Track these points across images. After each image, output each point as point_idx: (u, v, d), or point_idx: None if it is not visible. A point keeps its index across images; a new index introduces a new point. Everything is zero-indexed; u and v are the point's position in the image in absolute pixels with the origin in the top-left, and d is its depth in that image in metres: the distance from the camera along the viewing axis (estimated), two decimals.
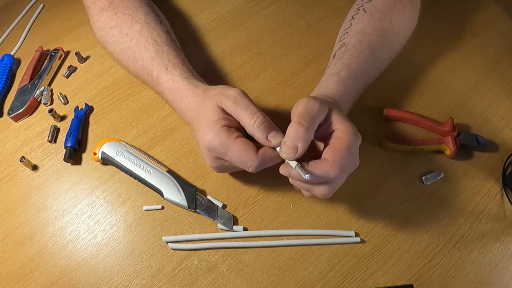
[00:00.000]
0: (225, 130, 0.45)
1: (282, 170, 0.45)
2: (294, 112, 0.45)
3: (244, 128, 0.47)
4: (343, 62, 0.54)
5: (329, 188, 0.44)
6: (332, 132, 0.45)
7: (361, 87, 0.55)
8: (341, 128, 0.45)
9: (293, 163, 0.43)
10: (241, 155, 0.44)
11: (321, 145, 0.48)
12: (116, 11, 0.57)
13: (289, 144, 0.43)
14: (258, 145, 0.45)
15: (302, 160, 0.44)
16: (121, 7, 0.57)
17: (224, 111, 0.46)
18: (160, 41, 0.55)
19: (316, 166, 0.43)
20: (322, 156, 0.44)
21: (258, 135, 0.45)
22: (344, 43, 0.57)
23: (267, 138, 0.45)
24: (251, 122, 0.45)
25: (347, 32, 0.58)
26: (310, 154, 0.47)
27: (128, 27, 0.56)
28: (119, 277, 0.51)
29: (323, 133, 0.46)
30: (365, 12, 0.58)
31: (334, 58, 0.56)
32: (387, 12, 0.57)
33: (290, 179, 0.47)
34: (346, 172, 0.45)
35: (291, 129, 0.43)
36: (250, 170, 0.45)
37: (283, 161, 0.46)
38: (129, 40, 0.55)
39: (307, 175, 0.41)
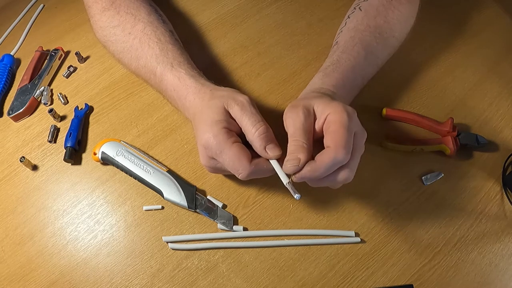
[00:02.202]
0: (224, 132, 0.45)
1: (296, 179, 0.44)
2: (288, 128, 0.45)
3: (243, 136, 0.47)
4: (332, 59, 0.54)
5: (347, 172, 0.43)
6: (325, 120, 0.45)
7: (355, 80, 0.54)
8: (330, 111, 0.44)
9: (285, 180, 0.43)
10: (234, 160, 0.44)
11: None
12: (118, 10, 0.57)
13: (290, 159, 0.43)
14: (253, 155, 0.46)
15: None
16: (123, 7, 0.57)
17: (228, 114, 0.46)
18: (164, 40, 0.55)
19: (322, 158, 0.42)
20: (324, 144, 0.44)
21: (257, 144, 0.45)
22: (337, 41, 0.57)
23: (264, 148, 0.45)
24: (253, 130, 0.45)
25: (341, 31, 0.58)
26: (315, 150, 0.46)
27: (131, 26, 0.56)
28: (119, 277, 0.51)
29: (320, 126, 0.46)
30: (361, 10, 0.58)
31: (328, 57, 0.57)
32: (382, 9, 0.58)
33: (311, 183, 0.46)
34: (356, 148, 0.44)
35: (291, 147, 0.44)
36: (239, 177, 0.45)
37: (273, 174, 0.46)
38: (132, 39, 0.55)
39: (296, 195, 0.41)
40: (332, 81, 0.52)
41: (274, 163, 0.45)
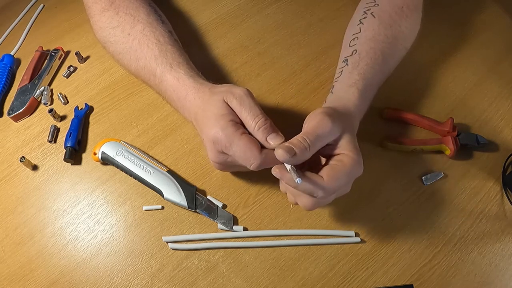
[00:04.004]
0: (232, 124, 0.45)
1: (275, 172, 0.44)
2: (305, 125, 0.45)
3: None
4: (359, 71, 0.53)
5: (313, 202, 0.44)
6: (339, 153, 0.45)
7: (373, 96, 0.55)
8: (348, 154, 0.45)
9: (288, 166, 0.43)
10: (245, 151, 0.44)
11: (323, 159, 0.48)
12: (118, 11, 0.57)
13: (288, 148, 0.42)
14: (262, 146, 0.46)
15: (301, 168, 0.44)
16: (123, 7, 0.57)
17: (230, 107, 0.46)
18: (163, 41, 0.55)
19: (309, 179, 0.43)
20: (320, 172, 0.44)
21: (258, 137, 0.45)
22: (356, 50, 0.55)
23: (266, 139, 0.45)
24: (253, 124, 0.45)
25: (357, 38, 0.57)
26: (310, 164, 0.47)
27: (130, 27, 0.56)
28: (119, 277, 0.51)
29: (328, 152, 0.46)
30: (374, 17, 0.57)
31: (348, 65, 0.55)
32: (396, 17, 0.57)
33: (280, 182, 0.46)
34: (335, 195, 0.45)
35: (296, 140, 0.43)
36: (251, 168, 0.45)
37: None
38: (131, 40, 0.55)
39: (298, 179, 0.41)
40: (363, 102, 0.52)
41: (275, 149, 0.45)
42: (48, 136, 0.59)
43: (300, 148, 0.42)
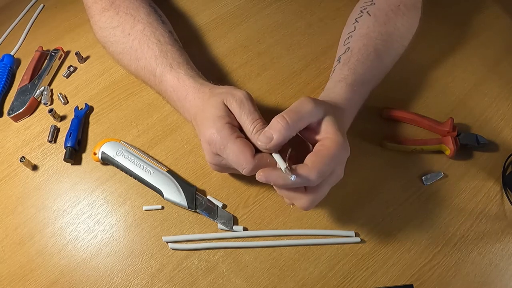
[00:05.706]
0: (228, 127, 0.45)
1: (259, 176, 0.43)
2: (291, 107, 0.45)
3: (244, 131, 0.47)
4: (349, 67, 0.53)
5: (309, 201, 0.44)
6: (322, 138, 0.45)
7: (367, 92, 0.55)
8: (331, 137, 0.44)
9: (283, 166, 0.43)
10: (238, 155, 0.44)
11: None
12: (118, 11, 0.57)
13: (266, 133, 0.43)
14: (257, 151, 0.45)
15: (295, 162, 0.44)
16: (123, 7, 0.57)
17: (229, 110, 0.46)
18: (164, 41, 0.55)
19: (295, 170, 0.42)
20: (305, 160, 0.44)
21: (255, 140, 0.45)
22: (349, 47, 0.56)
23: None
24: (251, 128, 0.45)
25: (352, 36, 0.57)
26: (302, 155, 0.47)
27: (130, 27, 0.56)
28: (119, 277, 0.51)
29: (313, 136, 0.46)
30: (369, 15, 0.57)
31: (340, 62, 0.55)
32: (391, 15, 0.57)
33: (274, 186, 0.46)
34: (328, 183, 0.45)
35: (274, 120, 0.43)
36: (243, 172, 0.45)
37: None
38: (131, 40, 0.55)
39: (292, 176, 0.41)
40: (353, 96, 0.51)
41: (274, 154, 0.45)
42: (48, 136, 0.59)
43: (279, 130, 0.42)
